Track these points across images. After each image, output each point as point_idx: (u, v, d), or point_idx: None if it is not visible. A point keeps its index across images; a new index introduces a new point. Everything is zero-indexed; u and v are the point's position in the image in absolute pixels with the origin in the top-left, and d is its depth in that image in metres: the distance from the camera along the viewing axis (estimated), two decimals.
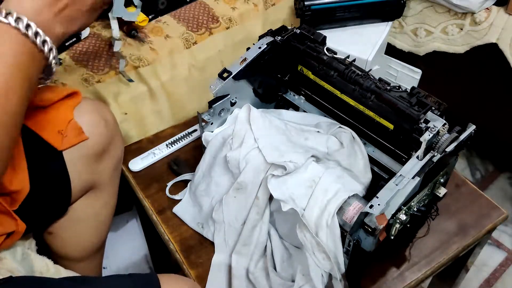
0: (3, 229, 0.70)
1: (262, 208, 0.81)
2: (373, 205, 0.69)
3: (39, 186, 0.74)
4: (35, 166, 0.74)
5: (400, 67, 1.39)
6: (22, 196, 0.71)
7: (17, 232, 0.71)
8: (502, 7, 1.25)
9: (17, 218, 0.71)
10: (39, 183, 0.74)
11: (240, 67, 0.88)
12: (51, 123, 0.76)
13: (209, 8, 1.24)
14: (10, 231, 0.70)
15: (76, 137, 0.77)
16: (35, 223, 0.77)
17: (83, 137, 0.78)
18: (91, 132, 0.79)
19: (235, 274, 0.80)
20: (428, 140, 0.74)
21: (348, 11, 1.27)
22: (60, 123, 0.76)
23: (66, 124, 0.76)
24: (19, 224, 0.71)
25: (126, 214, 1.38)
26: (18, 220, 0.71)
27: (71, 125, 0.77)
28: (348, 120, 0.91)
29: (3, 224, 0.70)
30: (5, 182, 0.69)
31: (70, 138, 0.77)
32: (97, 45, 1.11)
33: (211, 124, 0.90)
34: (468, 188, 0.95)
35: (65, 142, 0.76)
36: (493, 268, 1.37)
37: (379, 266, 0.83)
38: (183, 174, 0.95)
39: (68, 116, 0.77)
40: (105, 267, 1.26)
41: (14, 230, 0.71)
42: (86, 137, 0.78)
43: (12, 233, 0.71)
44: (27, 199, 0.72)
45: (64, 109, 0.77)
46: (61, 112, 0.77)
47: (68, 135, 0.76)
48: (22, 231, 0.72)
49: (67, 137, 0.76)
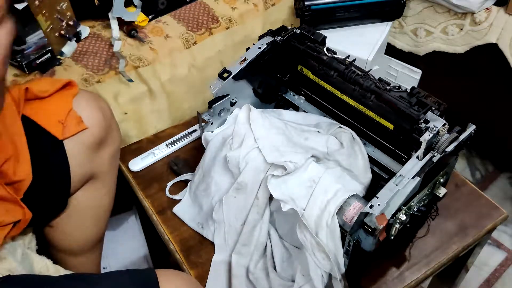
0: (12, 217, 0.71)
1: (262, 208, 0.81)
2: (373, 205, 0.69)
3: (41, 175, 0.75)
4: (37, 155, 0.75)
5: (400, 67, 1.39)
6: (25, 186, 0.73)
7: (24, 220, 0.72)
8: (502, 7, 1.25)
9: (24, 206, 0.72)
10: (41, 172, 0.75)
11: (240, 67, 0.88)
12: (52, 113, 0.77)
13: (209, 8, 1.24)
14: (17, 219, 0.72)
15: (76, 126, 0.79)
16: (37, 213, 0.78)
17: (82, 126, 0.79)
18: (89, 122, 0.80)
19: (235, 274, 0.80)
20: (428, 140, 0.74)
21: (348, 11, 1.27)
22: (60, 113, 0.78)
23: (66, 114, 0.78)
24: (26, 212, 0.72)
25: (126, 214, 1.38)
26: (25, 208, 0.72)
27: (71, 115, 0.78)
28: (348, 120, 0.91)
29: (11, 212, 0.71)
30: (9, 172, 0.71)
31: (70, 128, 0.78)
32: (97, 45, 1.11)
33: (211, 124, 0.90)
34: (468, 188, 0.95)
35: (65, 131, 0.78)
36: (493, 268, 1.37)
37: (379, 266, 0.83)
38: (183, 174, 0.95)
39: (67, 106, 0.79)
40: (105, 267, 1.26)
41: (21, 219, 0.72)
42: (85, 126, 0.80)
43: (18, 222, 0.72)
44: (29, 189, 0.73)
45: (63, 100, 0.79)
46: (61, 103, 0.79)
47: (68, 124, 0.78)
48: (29, 219, 0.73)
49: (67, 126, 0.78)
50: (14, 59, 1.02)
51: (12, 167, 0.71)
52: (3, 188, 0.70)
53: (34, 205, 0.75)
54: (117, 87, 1.08)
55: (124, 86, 1.08)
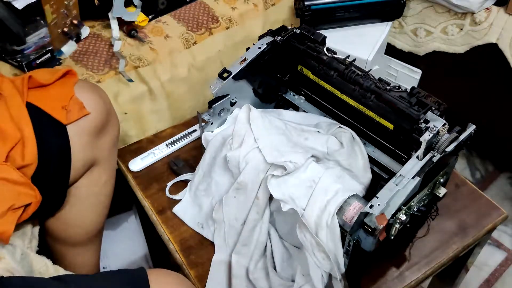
0: (23, 200, 0.73)
1: (262, 208, 0.81)
2: (373, 205, 0.69)
3: (43, 159, 0.77)
4: (41, 140, 0.77)
5: (400, 67, 1.39)
6: (32, 170, 0.75)
7: (35, 203, 0.74)
8: (502, 7, 1.25)
9: (35, 189, 0.74)
10: (44, 156, 0.77)
11: (240, 67, 0.88)
12: (55, 100, 0.80)
13: (209, 8, 1.24)
14: (29, 202, 0.73)
15: (79, 112, 0.81)
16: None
17: (84, 111, 0.82)
18: (91, 108, 0.83)
19: (235, 274, 0.80)
20: (428, 140, 0.74)
21: (348, 11, 1.27)
22: (63, 99, 0.80)
23: (69, 100, 0.81)
24: (37, 194, 0.74)
25: (126, 214, 1.38)
26: (36, 191, 0.74)
27: (73, 101, 0.81)
28: (348, 120, 0.91)
29: (22, 195, 0.73)
30: (17, 157, 0.73)
31: (74, 113, 0.81)
32: (97, 45, 1.11)
33: (211, 124, 0.90)
34: (468, 188, 0.94)
35: (69, 117, 0.80)
36: (493, 268, 1.37)
37: (379, 266, 0.83)
38: (183, 174, 0.95)
39: (69, 92, 0.81)
40: (104, 267, 1.26)
41: (32, 202, 0.74)
42: (87, 112, 0.82)
43: (28, 206, 0.74)
44: (34, 174, 0.75)
45: (65, 87, 0.82)
46: (63, 89, 0.81)
47: (72, 110, 0.81)
48: (39, 202, 0.75)
49: (71, 112, 0.80)
50: (14, 59, 1.02)
51: (20, 152, 0.74)
52: (15, 172, 0.72)
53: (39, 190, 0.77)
54: (117, 87, 1.08)
55: (124, 86, 1.08)
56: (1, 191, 0.71)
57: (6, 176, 0.71)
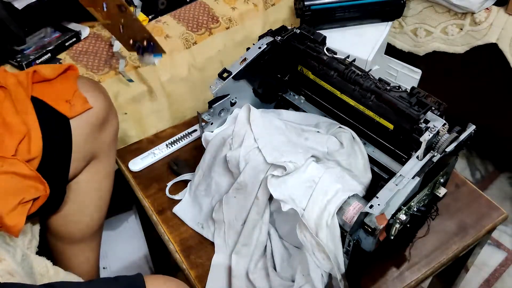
0: (33, 194, 0.74)
1: (262, 208, 0.81)
2: (373, 205, 0.69)
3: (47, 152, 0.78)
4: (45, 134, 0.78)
5: (400, 67, 1.39)
6: (37, 163, 0.76)
7: (43, 196, 0.75)
8: (502, 7, 1.25)
9: (44, 182, 0.75)
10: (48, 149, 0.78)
11: (240, 67, 0.88)
12: (59, 94, 0.82)
13: (209, 8, 1.24)
14: (38, 195, 0.74)
15: (82, 106, 0.83)
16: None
17: (87, 106, 0.84)
18: (92, 103, 0.84)
19: (235, 274, 0.80)
20: (428, 140, 0.74)
21: (348, 11, 1.27)
22: (67, 93, 0.82)
23: (72, 94, 0.82)
24: (46, 187, 0.75)
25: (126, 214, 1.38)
26: (45, 184, 0.75)
27: (77, 95, 0.83)
28: (348, 120, 0.91)
29: (32, 188, 0.74)
30: (24, 151, 0.75)
31: (77, 107, 0.83)
32: (97, 45, 1.11)
33: (211, 124, 0.90)
34: (468, 188, 0.95)
35: (73, 111, 0.82)
36: (493, 268, 1.37)
37: (379, 266, 0.83)
38: (183, 174, 0.95)
39: (73, 87, 0.83)
40: (105, 267, 1.26)
41: (41, 195, 0.75)
42: (90, 106, 0.84)
43: (36, 200, 0.75)
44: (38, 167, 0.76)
45: (68, 81, 0.84)
46: (66, 84, 0.83)
47: (75, 104, 0.83)
48: (47, 195, 0.75)
49: (74, 105, 0.82)
50: (14, 59, 1.02)
51: (27, 145, 0.75)
52: (25, 165, 0.73)
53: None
54: (117, 87, 1.08)
55: (124, 86, 1.08)
56: (12, 184, 0.72)
57: (16, 170, 0.72)
